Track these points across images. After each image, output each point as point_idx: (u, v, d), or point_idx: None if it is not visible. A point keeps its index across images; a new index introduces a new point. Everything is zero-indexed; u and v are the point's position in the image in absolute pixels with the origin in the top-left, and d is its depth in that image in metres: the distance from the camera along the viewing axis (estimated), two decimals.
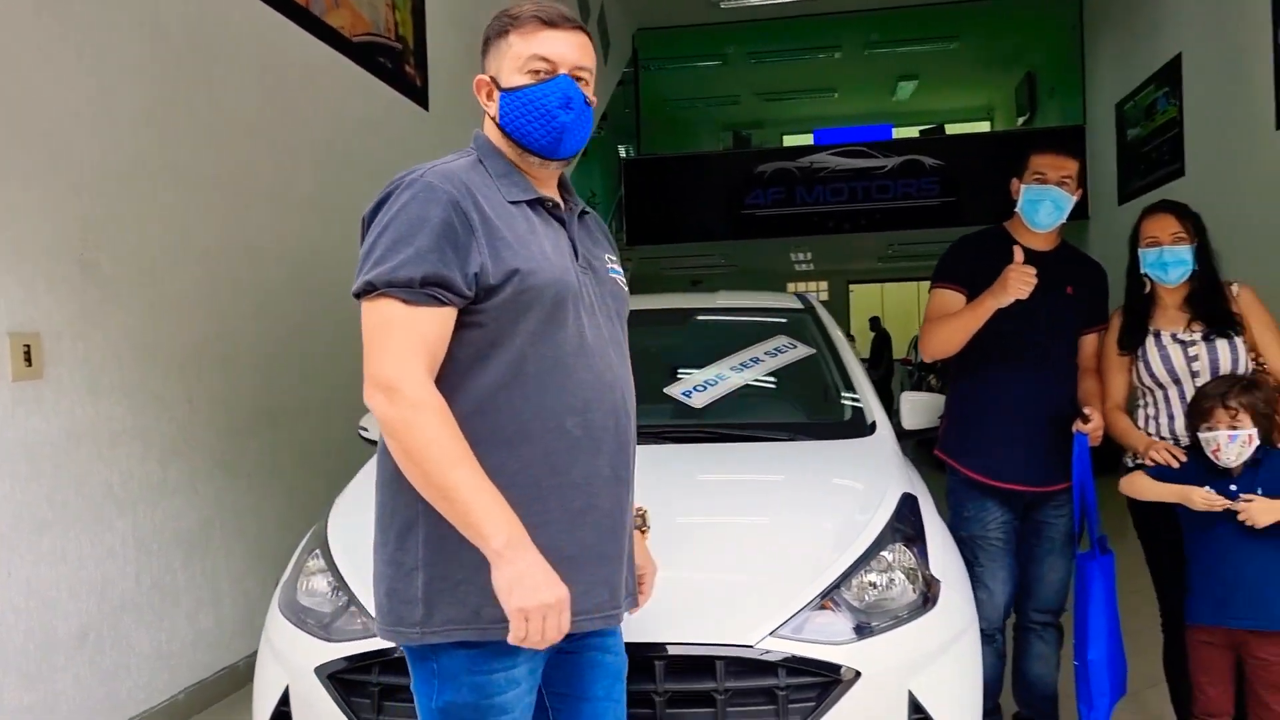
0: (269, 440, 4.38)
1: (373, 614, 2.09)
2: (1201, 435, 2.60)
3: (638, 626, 2.03)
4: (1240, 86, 8.76)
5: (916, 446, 3.58)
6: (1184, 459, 2.64)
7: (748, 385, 3.22)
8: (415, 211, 1.54)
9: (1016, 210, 2.91)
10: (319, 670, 2.16)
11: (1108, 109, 12.40)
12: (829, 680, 2.05)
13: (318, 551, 2.42)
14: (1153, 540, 2.86)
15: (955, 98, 19.00)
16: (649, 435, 3.02)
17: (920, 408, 3.08)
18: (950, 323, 2.85)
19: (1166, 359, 2.78)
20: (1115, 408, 2.90)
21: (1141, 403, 2.88)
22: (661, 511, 2.48)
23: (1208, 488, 2.54)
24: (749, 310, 3.90)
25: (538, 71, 1.63)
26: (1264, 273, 7.72)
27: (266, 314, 4.38)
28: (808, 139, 15.49)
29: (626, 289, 1.80)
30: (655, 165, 15.16)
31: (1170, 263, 2.77)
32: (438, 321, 1.52)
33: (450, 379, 1.55)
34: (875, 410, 3.06)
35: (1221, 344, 2.75)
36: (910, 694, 2.13)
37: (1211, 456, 2.57)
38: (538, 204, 1.67)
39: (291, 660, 2.26)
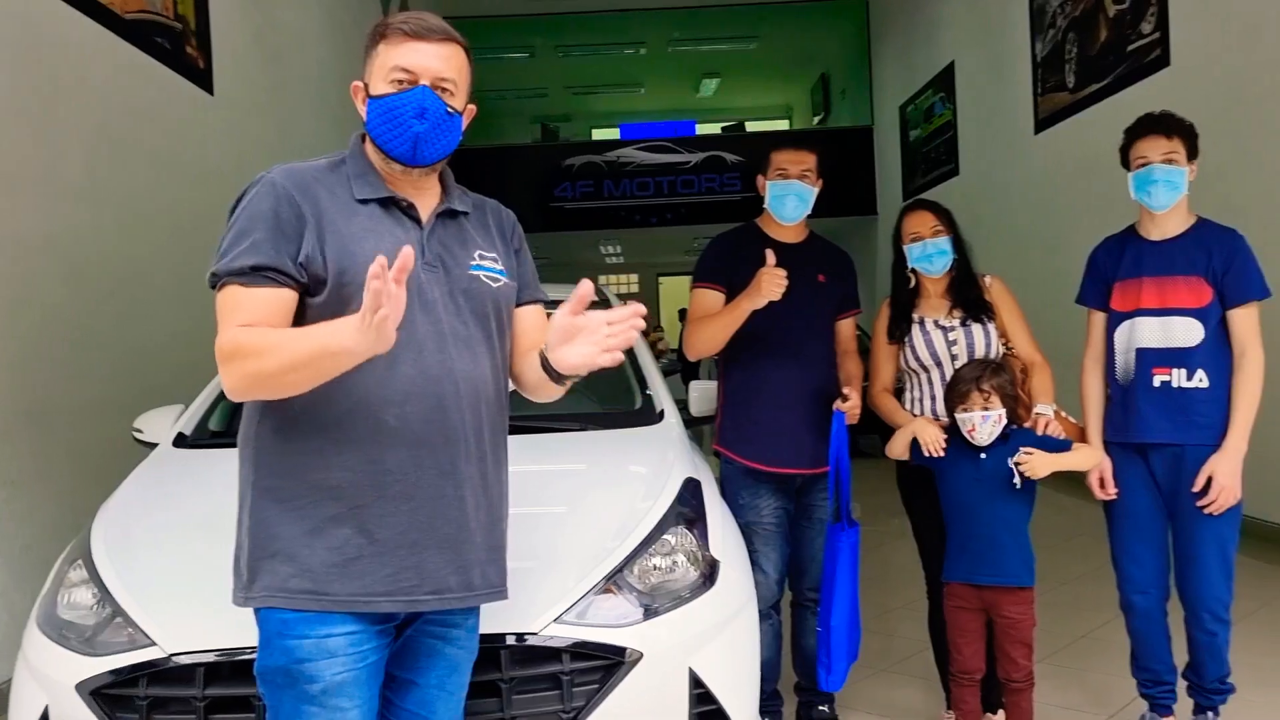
0: (35, 443, 4.07)
1: (143, 628, 2.02)
2: (959, 416, 2.82)
3: None
4: (1005, 93, 9.48)
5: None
6: (944, 450, 2.85)
7: None
8: (255, 207, 1.67)
9: (765, 206, 3.06)
10: (80, 687, 2.04)
11: (893, 111, 13.17)
12: (613, 662, 2.11)
13: (79, 562, 2.29)
14: (917, 512, 3.08)
15: (756, 96, 19.69)
16: None
17: (708, 395, 3.20)
18: (711, 324, 2.96)
19: (930, 343, 3.01)
20: (883, 390, 3.11)
21: (908, 385, 3.10)
22: None
23: (944, 437, 2.82)
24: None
25: (399, 81, 1.71)
26: (1027, 263, 8.44)
27: (29, 307, 4.06)
28: (615, 133, 15.67)
29: (496, 285, 1.83)
30: (465, 157, 14.94)
31: (934, 254, 2.99)
32: (275, 299, 1.64)
33: None
34: (664, 399, 3.16)
35: (977, 329, 3.00)
36: (691, 671, 2.22)
37: (968, 436, 2.80)
38: (390, 203, 1.75)
39: (50, 678, 2.12)
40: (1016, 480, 2.74)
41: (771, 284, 2.74)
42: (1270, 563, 5.13)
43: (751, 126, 17.30)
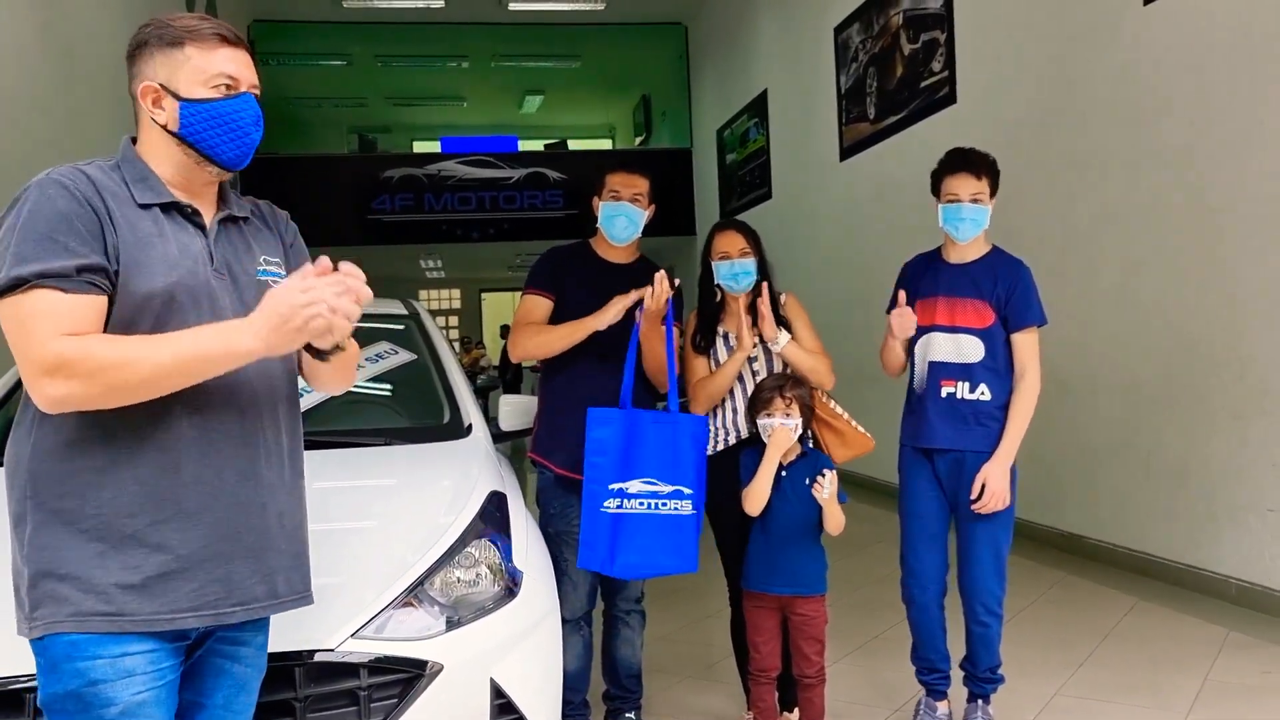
0: None
1: None
2: (760, 422, 2.95)
3: None
4: (813, 122, 9.98)
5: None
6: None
7: (347, 391, 3.19)
8: (51, 208, 1.57)
9: (598, 225, 3.14)
10: None
11: (710, 134, 13.60)
12: (413, 675, 2.10)
13: None
14: (720, 523, 3.20)
15: (579, 115, 19.88)
16: None
17: (517, 409, 3.23)
18: (549, 333, 3.03)
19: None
20: (695, 405, 3.21)
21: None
22: None
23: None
24: None
25: (224, 87, 1.68)
26: (833, 282, 8.91)
27: None
28: (437, 146, 15.48)
29: None
30: (276, 165, 14.42)
31: (740, 274, 3.12)
32: (95, 306, 1.57)
33: None
34: (472, 413, 3.16)
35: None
36: (492, 680, 2.23)
37: (767, 440, 2.92)
38: (172, 209, 1.70)
39: None
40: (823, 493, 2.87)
41: (619, 312, 2.87)
42: (1041, 563, 5.60)
43: (575, 145, 17.46)
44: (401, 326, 3.60)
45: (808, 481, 2.88)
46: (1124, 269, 5.48)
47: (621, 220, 3.09)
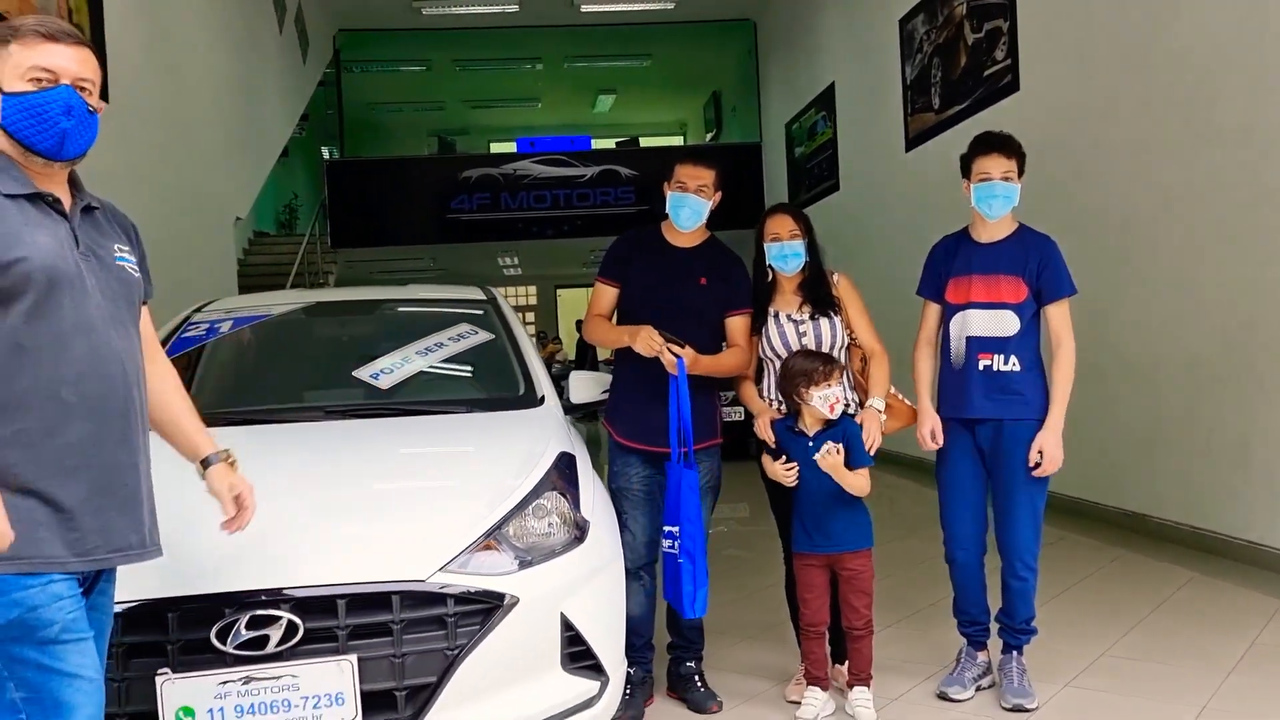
0: None
1: None
2: (800, 397, 3.18)
3: (323, 571, 2.32)
4: (879, 113, 10.09)
5: None
6: (774, 441, 3.25)
7: (433, 367, 3.53)
8: None
9: (667, 211, 3.41)
10: None
11: (779, 128, 13.75)
12: (492, 606, 2.39)
13: None
14: (774, 497, 3.45)
15: (651, 112, 20.20)
16: (340, 414, 3.29)
17: (586, 384, 3.51)
18: (603, 331, 3.43)
19: (782, 334, 3.37)
20: (747, 380, 3.47)
21: (765, 372, 3.46)
22: (348, 475, 2.77)
23: (783, 460, 3.19)
24: (435, 301, 4.21)
25: (40, 80, 1.80)
26: (900, 269, 8.99)
27: None
28: (513, 147, 15.92)
29: (137, 275, 2.01)
30: (359, 167, 15.02)
31: (789, 255, 3.36)
32: None
33: None
34: (545, 386, 3.46)
35: (824, 323, 3.37)
36: (562, 615, 2.51)
37: (827, 411, 3.14)
38: (37, 198, 1.85)
39: None
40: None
41: (646, 342, 3.15)
42: (1103, 541, 5.73)
43: (647, 142, 17.76)
44: (480, 311, 3.92)
45: (815, 456, 3.09)
46: (1184, 249, 5.55)
47: (686, 210, 3.36)
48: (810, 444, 3.15)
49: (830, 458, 3.07)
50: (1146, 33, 5.81)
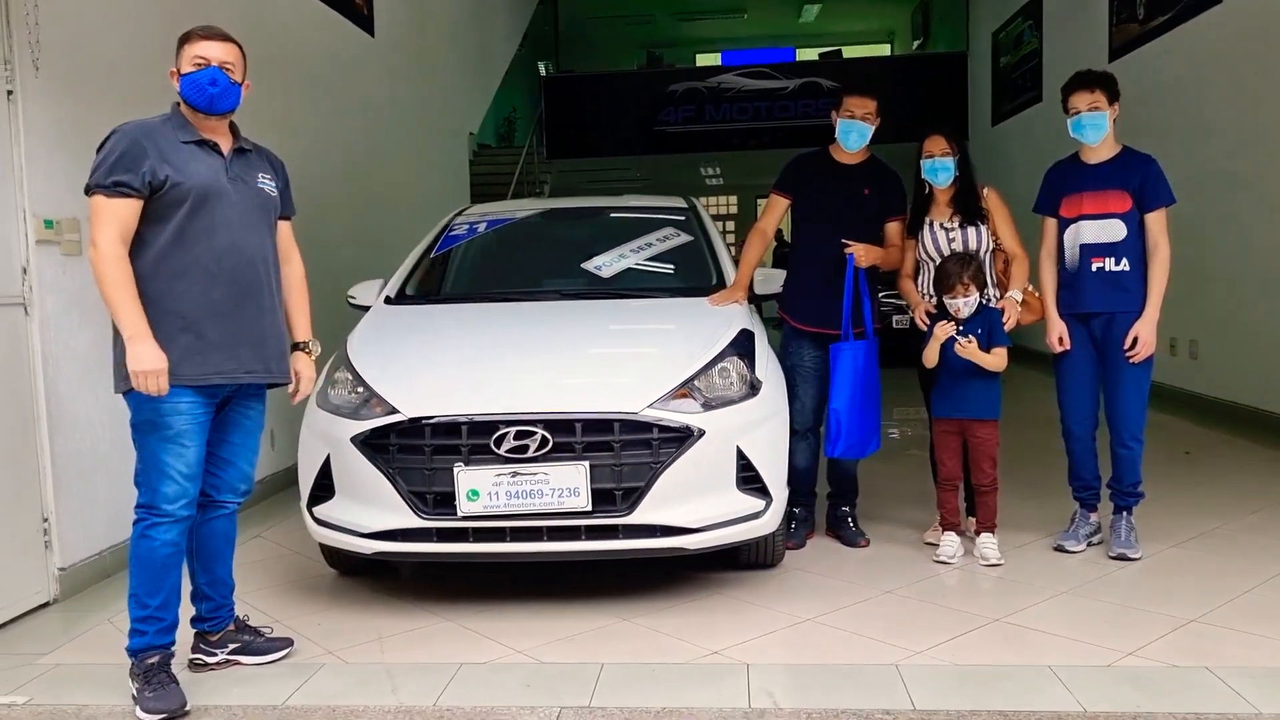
0: None
1: (391, 403, 3.19)
2: (946, 300, 3.83)
3: (566, 402, 3.24)
4: (1085, 23, 10.02)
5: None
6: (929, 321, 3.90)
7: (644, 262, 4.40)
8: (115, 145, 2.71)
9: (835, 136, 4.07)
10: (354, 439, 3.28)
11: (985, 38, 13.62)
12: (684, 435, 3.24)
13: (342, 366, 3.53)
14: (923, 375, 4.10)
15: (858, 21, 20.00)
16: (573, 296, 4.22)
17: (767, 279, 4.25)
18: (746, 252, 4.15)
19: (935, 240, 4.00)
20: (905, 276, 4.13)
21: (921, 271, 4.09)
22: (584, 337, 3.72)
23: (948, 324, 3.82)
24: (646, 209, 5.08)
25: (198, 63, 2.78)
26: None
27: None
28: (718, 59, 16.40)
29: (274, 196, 2.98)
30: (574, 83, 15.98)
31: (939, 170, 3.96)
32: (125, 206, 2.68)
33: (142, 239, 2.73)
34: (731, 276, 4.24)
35: (972, 230, 3.97)
36: (738, 447, 3.34)
37: (953, 314, 3.80)
38: (203, 144, 2.82)
39: (331, 435, 3.36)
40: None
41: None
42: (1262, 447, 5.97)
43: (852, 51, 17.77)
44: (682, 217, 4.75)
45: (958, 344, 3.73)
46: None
47: (854, 135, 4.03)
48: (961, 329, 3.79)
49: (966, 347, 3.71)
50: None
